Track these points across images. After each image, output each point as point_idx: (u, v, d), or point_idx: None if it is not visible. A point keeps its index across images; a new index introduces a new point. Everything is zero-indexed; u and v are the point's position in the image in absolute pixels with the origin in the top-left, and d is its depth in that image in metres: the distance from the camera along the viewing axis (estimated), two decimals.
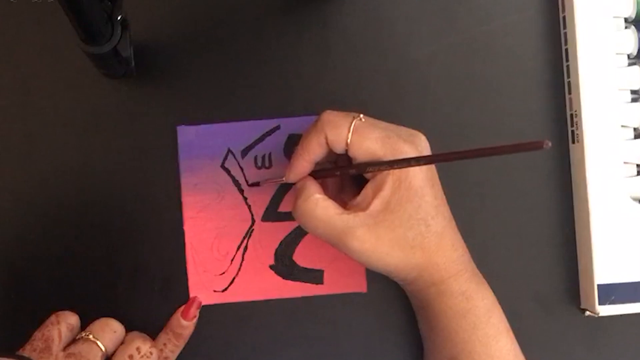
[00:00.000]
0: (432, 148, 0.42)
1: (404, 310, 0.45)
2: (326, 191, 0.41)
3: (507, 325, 0.40)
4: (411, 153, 0.38)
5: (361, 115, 0.39)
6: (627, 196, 0.44)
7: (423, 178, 0.39)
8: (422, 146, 0.40)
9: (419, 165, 0.37)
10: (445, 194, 0.41)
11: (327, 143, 0.39)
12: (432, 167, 0.40)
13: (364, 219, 0.38)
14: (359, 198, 0.39)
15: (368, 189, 0.39)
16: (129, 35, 0.40)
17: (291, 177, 0.41)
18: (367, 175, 0.40)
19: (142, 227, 0.45)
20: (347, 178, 0.43)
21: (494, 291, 0.41)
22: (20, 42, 0.45)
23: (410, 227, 0.38)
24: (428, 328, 0.42)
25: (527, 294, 0.45)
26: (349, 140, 0.38)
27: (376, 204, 0.38)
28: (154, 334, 0.43)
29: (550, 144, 0.30)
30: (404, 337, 0.45)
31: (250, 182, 0.45)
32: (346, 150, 0.39)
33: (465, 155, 0.36)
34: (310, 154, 0.40)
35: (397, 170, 0.38)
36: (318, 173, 0.41)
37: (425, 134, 0.45)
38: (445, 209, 0.40)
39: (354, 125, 0.39)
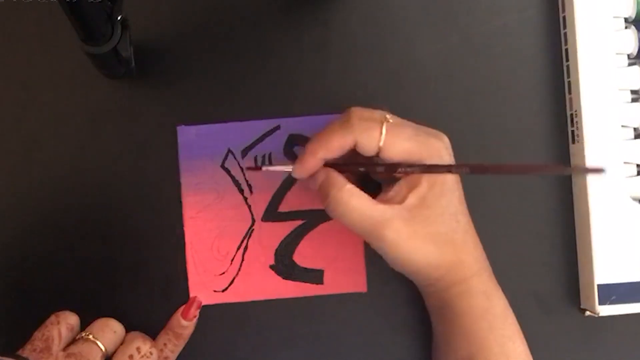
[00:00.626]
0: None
1: (404, 310, 0.45)
2: None
3: (519, 327, 0.41)
4: (441, 148, 0.39)
5: (388, 115, 0.39)
6: (627, 196, 0.44)
7: (453, 174, 0.39)
8: (446, 142, 0.40)
9: (451, 172, 0.38)
10: None
11: (353, 146, 0.38)
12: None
13: (401, 212, 0.38)
14: (392, 192, 0.39)
15: (402, 184, 0.39)
16: (129, 35, 0.40)
17: (301, 172, 0.40)
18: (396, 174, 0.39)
19: (142, 227, 0.45)
20: (357, 176, 0.42)
21: None
22: (20, 42, 0.45)
23: (443, 222, 0.38)
24: (444, 328, 0.41)
25: (527, 294, 0.45)
26: (381, 144, 0.38)
27: (412, 199, 0.38)
28: (154, 334, 0.42)
29: (605, 171, 0.30)
30: (404, 336, 0.45)
31: (247, 166, 0.44)
32: (377, 154, 0.38)
33: (498, 170, 0.36)
34: (329, 152, 0.39)
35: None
36: (340, 167, 0.40)
37: None
38: (465, 206, 0.41)
39: (385, 127, 0.38)
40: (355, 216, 0.38)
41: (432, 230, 0.38)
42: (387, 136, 0.38)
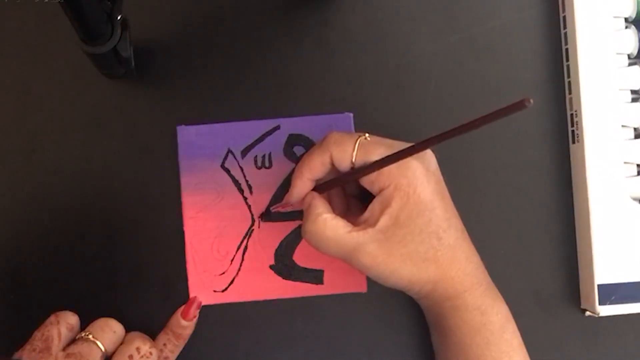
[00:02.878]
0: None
1: (404, 310, 0.45)
2: (334, 211, 0.40)
3: (520, 340, 0.40)
4: (415, 165, 0.38)
5: (367, 135, 0.40)
6: (627, 196, 0.44)
7: (432, 191, 0.38)
8: (427, 159, 0.40)
9: (412, 154, 0.37)
10: None
11: (331, 161, 0.39)
12: (441, 179, 0.40)
13: (374, 235, 0.38)
14: (366, 214, 0.39)
15: (375, 205, 0.39)
16: (129, 35, 0.40)
17: (293, 196, 0.41)
18: (368, 188, 0.39)
19: (142, 227, 0.45)
20: (353, 197, 0.43)
21: None
22: (20, 42, 0.45)
23: (421, 241, 0.38)
24: (441, 342, 0.42)
25: (527, 294, 0.45)
26: (354, 158, 0.39)
27: (385, 219, 0.38)
28: (154, 334, 0.42)
29: (532, 102, 0.30)
30: (404, 337, 0.45)
31: (264, 218, 0.45)
32: (351, 168, 0.39)
33: (454, 133, 0.35)
34: (312, 172, 0.40)
35: (404, 185, 0.38)
36: (319, 187, 0.41)
37: (425, 134, 0.45)
38: (457, 221, 0.40)
39: (359, 142, 0.39)
40: (331, 245, 0.39)
41: (409, 250, 0.38)
42: (359, 151, 0.39)
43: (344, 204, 0.43)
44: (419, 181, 0.38)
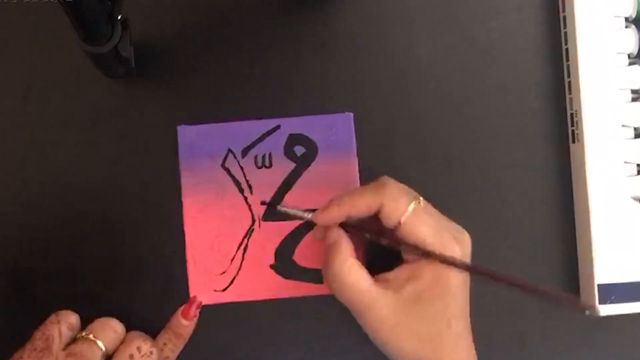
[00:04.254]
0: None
1: None
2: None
3: None
4: (458, 254, 0.38)
5: (421, 199, 0.39)
6: (627, 196, 0.44)
7: (460, 280, 0.39)
8: (466, 247, 0.40)
9: (454, 266, 0.38)
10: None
11: (377, 210, 0.39)
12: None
13: (393, 300, 0.38)
14: (391, 275, 0.39)
15: (403, 271, 0.39)
16: (129, 35, 0.40)
17: (322, 220, 0.40)
18: (407, 257, 0.39)
19: (142, 226, 0.45)
20: (361, 241, 0.43)
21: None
22: (20, 42, 0.45)
23: (433, 323, 0.38)
24: None
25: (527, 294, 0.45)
26: (403, 219, 0.38)
27: (409, 290, 0.38)
28: (154, 334, 0.42)
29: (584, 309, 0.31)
30: None
31: (267, 210, 0.44)
32: (395, 227, 0.39)
33: (508, 283, 0.37)
34: (354, 209, 0.39)
35: (440, 267, 0.38)
36: (349, 227, 0.40)
37: (425, 134, 0.45)
38: (468, 312, 0.40)
39: (414, 208, 0.38)
40: (349, 293, 0.39)
41: (419, 327, 0.38)
42: (411, 214, 0.38)
43: (362, 248, 0.43)
44: (455, 268, 0.38)
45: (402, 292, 0.38)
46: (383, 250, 0.40)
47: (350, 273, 0.39)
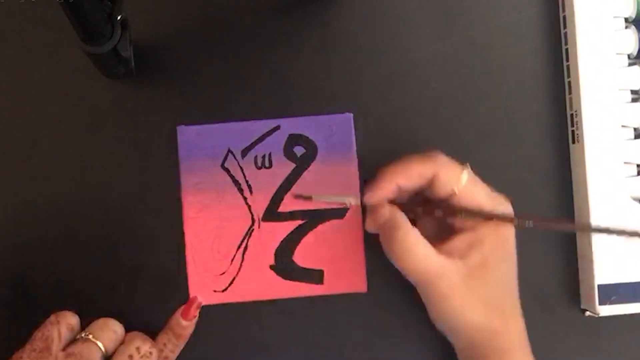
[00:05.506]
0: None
1: (404, 310, 0.45)
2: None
3: None
4: (512, 213, 0.39)
5: (468, 164, 0.40)
6: (627, 196, 0.44)
7: (514, 242, 0.39)
8: (511, 208, 0.40)
9: (513, 224, 0.38)
10: None
11: (430, 179, 0.38)
12: None
13: (460, 268, 0.38)
14: (452, 245, 0.39)
15: (464, 239, 0.39)
16: (129, 35, 0.40)
17: (374, 196, 0.40)
18: (465, 226, 0.39)
19: (142, 226, 0.45)
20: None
21: None
22: (20, 42, 0.45)
23: (499, 287, 0.38)
24: None
25: (527, 294, 0.45)
26: (460, 186, 0.38)
27: (475, 257, 0.38)
28: (154, 334, 0.42)
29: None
30: (404, 337, 0.45)
31: (298, 194, 0.44)
32: (449, 195, 0.38)
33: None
34: (407, 180, 0.39)
35: (499, 228, 0.38)
36: (404, 206, 0.40)
37: (425, 134, 0.45)
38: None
39: (468, 173, 0.39)
40: (415, 263, 0.38)
41: (487, 292, 0.38)
42: (468, 181, 0.38)
43: (432, 226, 0.42)
44: (510, 231, 0.39)
45: (469, 259, 0.38)
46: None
47: (418, 244, 0.38)
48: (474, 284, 0.38)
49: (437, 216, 0.40)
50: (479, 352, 0.39)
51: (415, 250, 0.38)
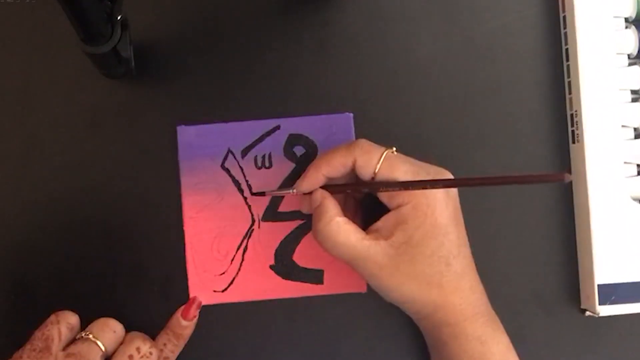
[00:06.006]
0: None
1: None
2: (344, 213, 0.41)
3: None
4: (438, 192, 0.39)
5: (394, 148, 0.40)
6: (627, 196, 0.44)
7: (448, 216, 0.39)
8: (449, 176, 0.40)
9: (434, 188, 0.38)
10: None
11: (352, 166, 0.39)
12: (458, 206, 0.40)
13: (386, 248, 0.39)
14: (379, 224, 0.40)
15: (390, 218, 0.39)
16: (129, 35, 0.40)
17: (303, 186, 0.41)
18: (384, 200, 0.40)
19: (142, 227, 0.45)
20: (353, 201, 0.43)
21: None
22: (20, 42, 0.45)
23: (430, 264, 0.38)
24: None
25: (527, 294, 0.45)
26: (377, 169, 0.39)
27: (399, 236, 0.38)
28: (154, 334, 0.42)
29: (570, 178, 0.32)
30: (404, 337, 0.45)
31: (253, 191, 0.45)
32: (372, 178, 0.39)
33: (484, 182, 0.38)
34: (331, 168, 0.40)
35: (423, 205, 0.38)
36: (332, 187, 0.41)
37: (425, 134, 0.45)
38: (467, 249, 0.40)
39: (385, 155, 0.39)
40: (342, 249, 0.39)
41: (416, 270, 0.38)
42: (384, 163, 0.39)
43: (354, 208, 0.43)
44: (438, 204, 0.38)
45: (393, 238, 0.39)
46: (381, 211, 0.40)
47: (340, 230, 0.39)
48: (402, 262, 0.38)
49: (365, 193, 0.41)
50: (429, 324, 0.41)
51: (337, 236, 0.39)
